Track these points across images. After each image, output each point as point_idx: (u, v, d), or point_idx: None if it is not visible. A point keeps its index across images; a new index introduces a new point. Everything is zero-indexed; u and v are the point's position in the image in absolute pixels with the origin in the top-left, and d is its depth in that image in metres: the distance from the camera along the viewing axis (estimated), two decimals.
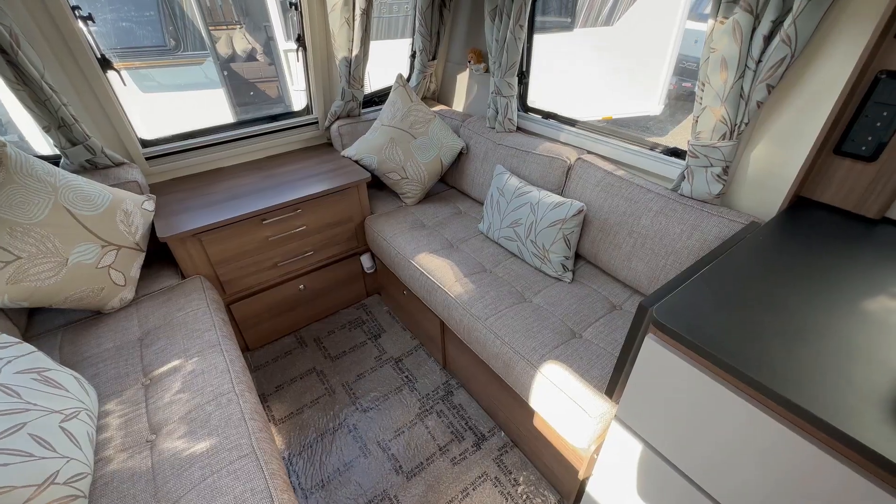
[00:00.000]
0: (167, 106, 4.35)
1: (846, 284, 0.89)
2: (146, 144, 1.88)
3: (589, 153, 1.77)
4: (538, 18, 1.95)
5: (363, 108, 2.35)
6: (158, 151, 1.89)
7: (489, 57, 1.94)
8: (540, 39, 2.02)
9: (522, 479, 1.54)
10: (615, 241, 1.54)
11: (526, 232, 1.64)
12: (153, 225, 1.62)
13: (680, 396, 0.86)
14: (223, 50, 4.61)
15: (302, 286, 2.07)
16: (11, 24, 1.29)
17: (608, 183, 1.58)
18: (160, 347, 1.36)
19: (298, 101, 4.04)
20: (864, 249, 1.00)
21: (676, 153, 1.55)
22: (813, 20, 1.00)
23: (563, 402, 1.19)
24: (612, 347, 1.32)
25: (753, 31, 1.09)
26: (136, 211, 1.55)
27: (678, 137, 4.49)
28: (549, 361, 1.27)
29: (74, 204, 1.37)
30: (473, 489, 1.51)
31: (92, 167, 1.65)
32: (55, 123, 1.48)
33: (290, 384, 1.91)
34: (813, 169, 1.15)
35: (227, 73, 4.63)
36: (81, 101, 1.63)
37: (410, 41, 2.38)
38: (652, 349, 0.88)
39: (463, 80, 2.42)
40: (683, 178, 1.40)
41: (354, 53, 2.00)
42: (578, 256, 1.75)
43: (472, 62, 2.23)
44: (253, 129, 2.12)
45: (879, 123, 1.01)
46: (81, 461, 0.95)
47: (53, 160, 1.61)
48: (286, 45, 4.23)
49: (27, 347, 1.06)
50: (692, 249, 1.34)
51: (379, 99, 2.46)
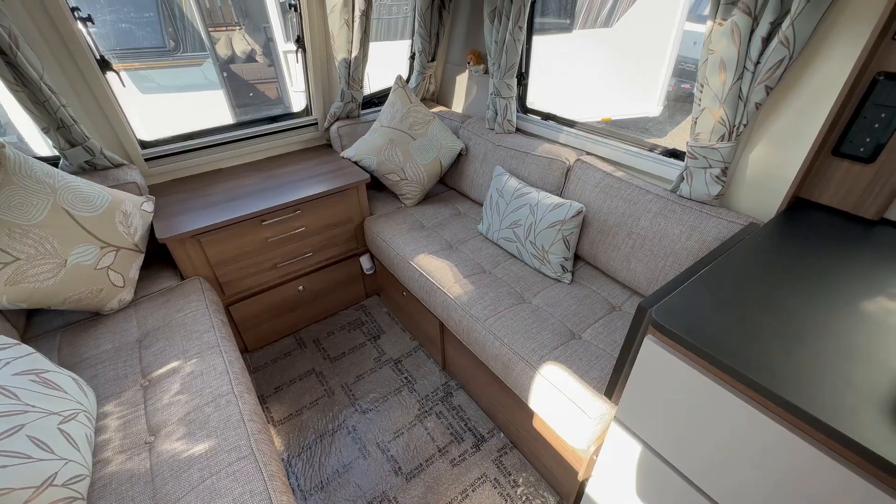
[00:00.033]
0: (166, 107, 4.34)
1: (845, 285, 0.89)
2: (145, 146, 1.88)
3: (588, 154, 1.78)
4: (537, 20, 1.95)
5: (362, 109, 2.35)
6: (158, 153, 1.89)
7: (488, 58, 1.94)
8: (539, 41, 2.02)
9: (522, 480, 1.54)
10: (614, 242, 1.54)
11: (525, 233, 1.64)
12: (152, 226, 1.62)
13: (679, 397, 0.86)
14: (223, 51, 4.61)
15: (301, 287, 2.07)
16: (11, 25, 1.29)
17: (607, 184, 1.58)
18: (159, 349, 1.36)
19: (298, 102, 4.03)
20: (862, 250, 1.00)
21: (675, 154, 1.55)
22: (811, 22, 1.00)
23: (562, 403, 1.19)
24: (611, 348, 1.32)
25: (752, 32, 1.09)
26: (135, 212, 1.55)
27: (677, 139, 4.50)
28: (548, 362, 1.27)
29: (73, 205, 1.37)
30: (473, 490, 1.51)
31: (91, 168, 1.65)
32: (54, 125, 1.48)
33: (289, 385, 1.91)
34: (811, 170, 1.15)
35: (226, 74, 4.63)
36: (80, 102, 1.63)
37: (410, 42, 2.38)
38: (651, 350, 0.88)
39: (462, 81, 2.42)
40: (682, 179, 1.41)
41: (354, 55, 2.01)
42: (578, 257, 1.75)
43: (471, 63, 2.23)
44: (252, 130, 2.12)
45: (877, 125, 1.01)
46: (80, 463, 0.94)
47: (52, 161, 1.61)
48: (285, 46, 4.23)
49: (26, 349, 1.06)
50: (691, 250, 1.34)
51: (378, 100, 2.46)
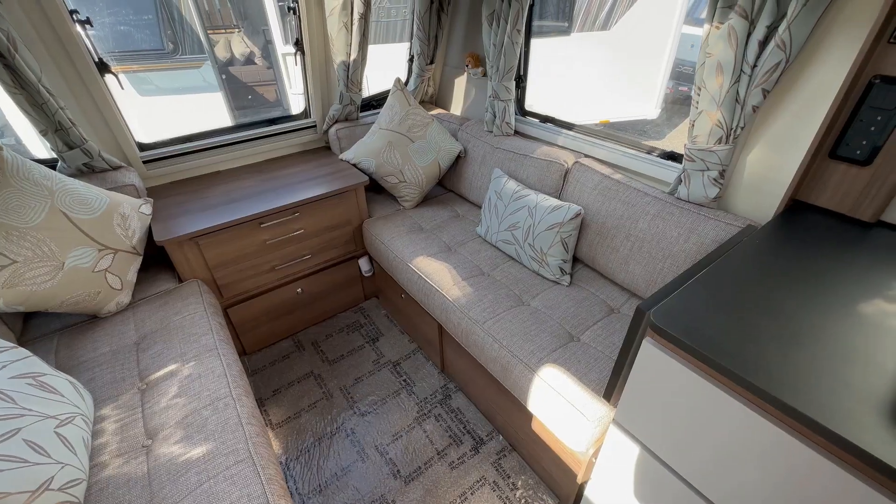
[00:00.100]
0: (165, 109, 4.34)
1: (842, 288, 0.89)
2: (144, 148, 1.87)
3: (586, 157, 1.78)
4: (535, 23, 1.96)
5: (361, 111, 2.35)
6: (156, 155, 1.89)
7: (487, 61, 1.95)
8: (537, 44, 2.03)
9: (521, 483, 1.53)
10: (613, 244, 1.54)
11: (524, 235, 1.64)
12: (150, 228, 1.62)
13: (677, 400, 0.86)
14: (221, 53, 4.62)
15: (299, 290, 2.06)
16: (9, 27, 1.30)
17: (605, 186, 1.58)
18: (157, 352, 1.35)
19: (296, 104, 4.03)
20: (859, 253, 1.00)
21: (673, 157, 1.56)
22: (807, 25, 1.01)
23: (561, 405, 1.19)
24: (609, 351, 1.32)
25: (749, 35, 1.10)
26: (133, 215, 1.54)
27: (675, 141, 4.51)
28: (547, 365, 1.27)
29: (71, 208, 1.37)
30: (472, 493, 1.50)
31: (89, 171, 1.65)
32: (52, 127, 1.48)
33: (287, 388, 1.90)
34: (808, 173, 1.15)
35: (225, 76, 4.63)
36: (79, 104, 1.63)
37: (408, 45, 2.39)
38: (649, 353, 0.88)
39: (461, 84, 2.43)
40: (680, 181, 1.41)
41: (352, 57, 2.01)
42: (576, 260, 1.75)
43: (469, 66, 2.24)
44: (251, 132, 2.12)
45: (874, 128, 1.02)
46: (76, 467, 0.94)
47: (50, 164, 1.61)
48: (284, 48, 4.22)
49: (22, 352, 1.06)
50: (689, 253, 1.35)
51: (377, 103, 2.47)
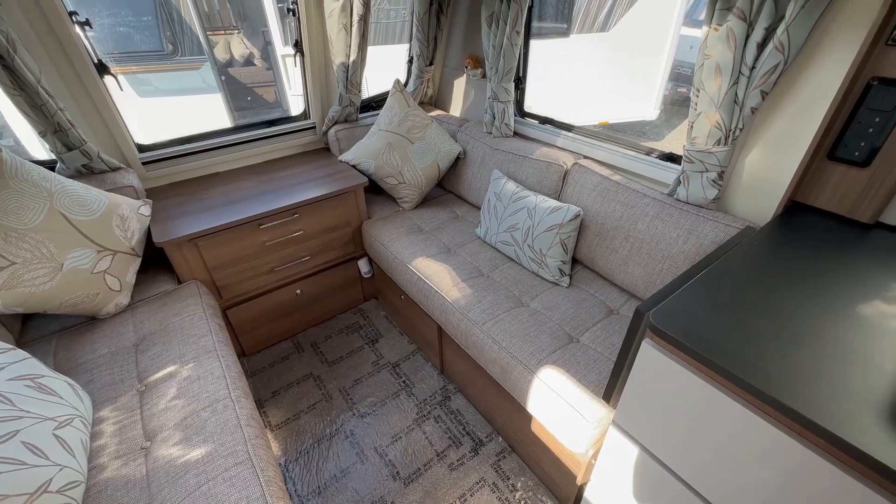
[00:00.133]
0: (164, 110, 4.34)
1: (840, 289, 0.89)
2: (143, 149, 1.87)
3: (585, 158, 1.78)
4: (534, 24, 1.96)
5: (361, 113, 2.35)
6: (155, 156, 1.89)
7: (486, 62, 1.95)
8: (536, 45, 2.03)
9: (520, 484, 1.53)
10: (612, 245, 1.54)
11: (523, 236, 1.64)
12: (149, 230, 1.62)
13: (677, 401, 0.86)
14: (221, 55, 4.62)
15: (299, 291, 2.06)
16: (8, 29, 1.29)
17: (605, 188, 1.58)
18: (155, 353, 1.35)
19: (296, 105, 4.03)
20: (858, 254, 1.00)
21: (672, 158, 1.56)
22: (805, 28, 1.01)
23: (560, 407, 1.19)
24: (609, 352, 1.32)
25: (747, 38, 1.10)
26: (132, 216, 1.54)
27: (674, 142, 4.51)
28: (546, 366, 1.27)
29: (70, 209, 1.37)
30: (471, 495, 1.50)
31: (88, 172, 1.65)
32: (51, 128, 1.48)
33: (286, 390, 1.90)
34: (807, 174, 1.16)
35: (224, 77, 4.63)
36: (78, 106, 1.62)
37: (408, 47, 2.39)
38: (649, 354, 0.88)
39: (460, 85, 2.43)
40: (679, 182, 1.41)
41: (352, 59, 2.01)
42: (575, 261, 1.75)
43: (469, 68, 2.24)
44: (250, 133, 2.12)
45: (872, 129, 1.02)
46: (75, 469, 0.94)
47: (49, 165, 1.61)
48: (284, 50, 4.23)
49: (21, 354, 1.05)
50: (688, 254, 1.35)
51: (376, 104, 2.47)
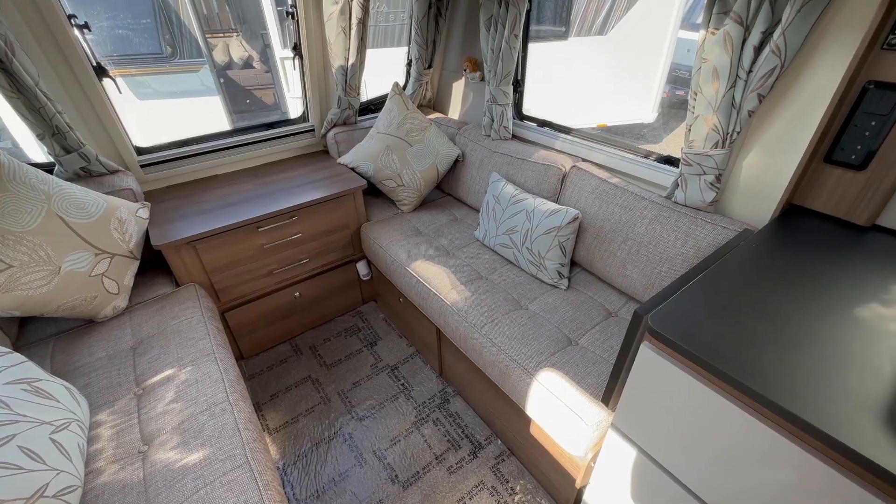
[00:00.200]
0: (163, 113, 4.34)
1: (838, 291, 0.90)
2: (141, 152, 1.87)
3: (584, 161, 1.79)
4: (533, 27, 1.97)
5: (359, 115, 2.36)
6: (154, 159, 1.89)
7: (484, 66, 1.96)
8: (535, 48, 2.04)
9: (519, 487, 1.53)
10: (610, 248, 1.55)
11: (521, 239, 1.65)
12: (147, 233, 1.62)
13: (675, 404, 0.86)
14: (220, 57, 4.62)
15: (297, 294, 2.06)
16: (7, 31, 1.30)
17: (603, 190, 1.59)
18: (153, 356, 1.35)
19: (295, 108, 4.04)
20: (855, 257, 1.01)
21: (670, 161, 1.57)
22: (802, 32, 1.02)
23: (559, 409, 1.19)
24: (607, 355, 1.32)
25: (744, 41, 1.11)
26: (130, 219, 1.54)
27: (672, 145, 4.53)
28: (545, 369, 1.27)
29: (68, 212, 1.36)
30: (470, 498, 1.49)
31: (86, 175, 1.65)
32: (49, 131, 1.48)
33: (284, 393, 1.89)
34: (804, 177, 1.16)
35: (223, 80, 4.63)
36: (76, 108, 1.62)
37: (407, 50, 2.40)
38: (647, 357, 0.88)
39: (459, 88, 2.44)
40: (677, 185, 1.42)
41: (351, 62, 2.02)
42: (574, 263, 1.76)
43: (467, 71, 2.25)
44: (249, 136, 2.12)
45: (868, 133, 1.03)
46: (72, 473, 0.93)
47: (47, 168, 1.61)
48: (283, 52, 4.24)
49: (18, 357, 1.05)
50: (686, 257, 1.35)
51: (375, 107, 2.47)
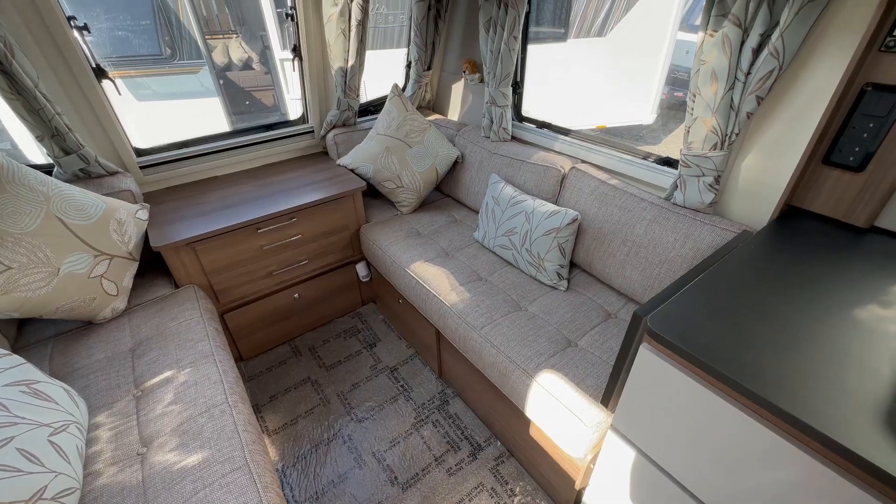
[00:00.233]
0: (162, 114, 4.35)
1: (836, 293, 0.90)
2: (141, 153, 1.87)
3: (583, 162, 1.79)
4: (532, 29, 1.97)
5: (359, 117, 2.36)
6: (153, 160, 1.89)
7: (484, 67, 1.96)
8: (534, 50, 2.04)
9: (519, 489, 1.53)
10: (609, 249, 1.55)
11: (521, 240, 1.65)
12: (147, 234, 1.61)
13: (675, 405, 0.86)
14: (219, 59, 4.63)
15: (296, 295, 2.06)
16: (6, 33, 1.30)
17: (602, 192, 1.59)
18: (152, 358, 1.34)
19: (294, 110, 4.04)
20: (853, 258, 1.01)
21: (669, 162, 1.57)
22: (800, 34, 1.02)
23: (558, 411, 1.19)
24: (607, 356, 1.33)
25: (742, 43, 1.11)
26: (129, 220, 1.54)
27: (671, 146, 4.54)
28: (544, 370, 1.27)
29: (67, 213, 1.36)
30: (469, 500, 1.49)
31: (86, 176, 1.64)
32: (49, 133, 1.47)
33: (284, 394, 1.89)
34: (803, 179, 1.17)
35: (222, 81, 4.64)
36: (76, 110, 1.62)
37: (406, 51, 2.40)
38: (646, 358, 0.88)
39: (458, 89, 2.44)
40: (676, 187, 1.42)
41: (350, 63, 2.02)
42: (573, 265, 1.76)
43: (467, 72, 2.25)
44: (248, 137, 2.12)
45: (866, 134, 1.03)
46: (70, 476, 0.93)
47: (46, 169, 1.60)
48: (282, 54, 4.25)
49: (16, 359, 1.05)
50: (685, 258, 1.35)
51: (374, 108, 2.47)
